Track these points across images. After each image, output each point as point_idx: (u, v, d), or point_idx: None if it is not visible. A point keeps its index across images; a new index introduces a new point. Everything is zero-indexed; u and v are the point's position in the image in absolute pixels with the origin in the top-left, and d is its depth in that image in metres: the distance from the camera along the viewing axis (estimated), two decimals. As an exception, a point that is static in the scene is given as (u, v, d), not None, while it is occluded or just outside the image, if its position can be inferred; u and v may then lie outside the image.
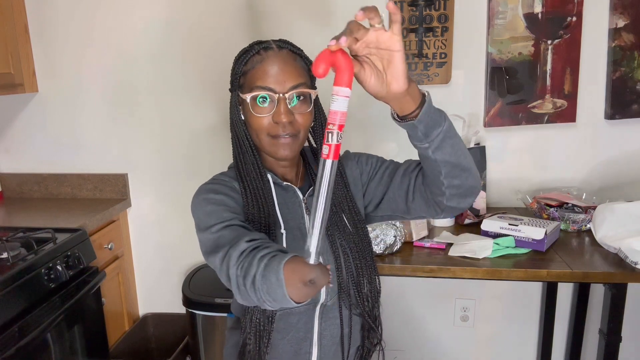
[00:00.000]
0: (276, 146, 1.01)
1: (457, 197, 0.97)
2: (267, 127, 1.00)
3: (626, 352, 1.72)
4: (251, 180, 1.04)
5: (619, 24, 1.84)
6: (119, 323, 2.10)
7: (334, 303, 1.07)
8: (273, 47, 1.01)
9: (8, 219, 2.00)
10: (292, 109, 0.99)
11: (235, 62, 1.05)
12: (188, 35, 2.01)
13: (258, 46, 1.02)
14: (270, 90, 0.98)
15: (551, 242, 1.58)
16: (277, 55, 1.00)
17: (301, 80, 1.00)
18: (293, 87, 0.98)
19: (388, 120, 0.97)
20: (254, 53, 1.01)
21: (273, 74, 0.98)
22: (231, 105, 1.07)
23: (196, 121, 2.08)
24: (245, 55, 1.02)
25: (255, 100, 0.99)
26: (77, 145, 2.17)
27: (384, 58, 0.82)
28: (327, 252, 1.06)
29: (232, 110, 1.07)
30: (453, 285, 2.08)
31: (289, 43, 1.04)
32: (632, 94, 1.89)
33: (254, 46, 1.03)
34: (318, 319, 1.07)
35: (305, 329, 1.07)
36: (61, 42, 2.07)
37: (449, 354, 2.20)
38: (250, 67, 1.01)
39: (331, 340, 1.09)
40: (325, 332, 1.08)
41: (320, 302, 1.06)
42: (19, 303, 1.42)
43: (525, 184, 1.99)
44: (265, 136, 1.01)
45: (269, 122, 1.00)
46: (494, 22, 1.86)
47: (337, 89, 0.75)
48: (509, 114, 1.93)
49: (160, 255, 2.23)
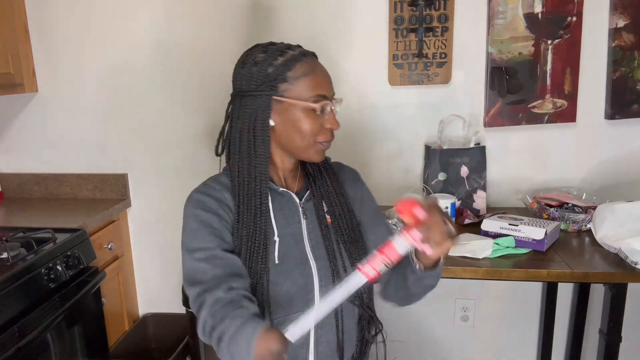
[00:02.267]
0: (317, 151, 1.06)
1: (406, 300, 1.13)
2: (318, 133, 1.03)
3: (626, 352, 1.71)
4: (250, 189, 1.04)
5: (619, 24, 1.84)
6: (119, 323, 2.10)
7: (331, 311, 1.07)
8: (309, 53, 1.05)
9: (8, 219, 2.00)
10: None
11: (266, 66, 1.02)
12: (188, 36, 2.01)
13: (293, 52, 1.03)
14: (327, 99, 1.03)
15: (551, 242, 1.58)
16: (319, 64, 1.05)
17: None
18: (333, 95, 1.06)
19: (388, 121, 0.97)
20: (297, 60, 1.02)
21: (326, 82, 1.04)
22: (257, 109, 1.03)
23: (196, 121, 2.08)
24: (286, 61, 1.02)
25: (317, 108, 1.02)
26: (77, 145, 2.17)
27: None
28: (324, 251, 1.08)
29: (259, 114, 1.03)
30: (453, 285, 2.08)
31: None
32: (632, 94, 1.89)
33: (286, 51, 1.03)
34: (314, 326, 1.07)
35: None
36: (61, 42, 2.07)
37: (449, 353, 2.20)
38: (301, 73, 1.01)
39: (327, 347, 1.09)
40: (321, 338, 1.08)
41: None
42: (19, 303, 1.42)
43: (525, 184, 1.99)
44: (313, 142, 1.04)
45: (321, 129, 1.03)
46: (494, 22, 1.86)
47: (411, 234, 0.85)
48: (509, 114, 1.93)
49: (160, 255, 2.23)
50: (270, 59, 1.02)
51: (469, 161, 1.89)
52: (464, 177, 1.90)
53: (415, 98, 1.97)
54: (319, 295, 1.06)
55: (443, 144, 1.89)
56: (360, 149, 2.00)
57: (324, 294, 1.05)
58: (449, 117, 1.93)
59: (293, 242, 1.07)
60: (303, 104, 1.01)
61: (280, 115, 1.03)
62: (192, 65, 2.04)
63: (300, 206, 1.10)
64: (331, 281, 1.06)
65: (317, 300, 1.06)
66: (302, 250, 1.07)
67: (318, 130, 1.03)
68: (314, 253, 1.08)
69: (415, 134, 2.00)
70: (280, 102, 1.02)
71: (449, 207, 1.74)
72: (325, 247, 1.08)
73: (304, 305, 1.05)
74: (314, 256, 1.08)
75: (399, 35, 1.90)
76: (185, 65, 2.04)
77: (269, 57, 1.02)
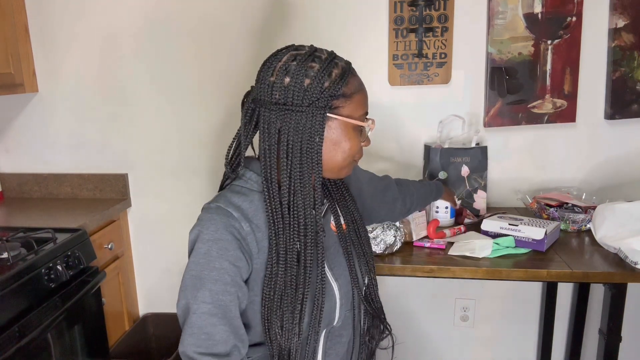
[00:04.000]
0: (351, 168, 1.02)
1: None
2: (358, 152, 1.00)
3: (626, 352, 1.72)
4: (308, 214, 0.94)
5: (619, 24, 1.84)
6: (119, 323, 2.10)
7: (342, 323, 1.07)
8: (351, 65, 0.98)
9: (8, 219, 2.00)
10: None
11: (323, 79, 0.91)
12: (188, 36, 2.01)
13: (342, 63, 0.96)
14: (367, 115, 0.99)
15: (551, 242, 1.58)
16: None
17: None
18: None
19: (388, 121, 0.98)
20: (349, 72, 0.95)
21: (367, 100, 0.99)
22: (312, 127, 0.91)
23: (196, 121, 2.08)
24: (344, 75, 0.94)
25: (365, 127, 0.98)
26: (77, 145, 2.17)
27: None
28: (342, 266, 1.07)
29: (313, 132, 0.92)
30: (453, 285, 2.08)
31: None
32: (632, 94, 1.89)
33: (336, 62, 0.94)
34: (324, 339, 1.06)
35: (312, 349, 1.04)
36: (61, 42, 2.07)
37: (449, 353, 2.20)
38: (354, 90, 0.95)
39: (336, 358, 1.09)
40: (330, 350, 1.07)
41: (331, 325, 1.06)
42: (19, 303, 1.42)
43: (525, 184, 1.99)
44: (352, 159, 1.00)
45: (359, 147, 1.00)
46: (494, 22, 1.86)
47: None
48: (509, 114, 1.93)
49: (160, 255, 2.23)
50: (325, 71, 0.91)
51: (470, 161, 1.89)
52: (465, 177, 1.89)
53: (415, 98, 1.97)
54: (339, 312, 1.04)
55: (443, 144, 1.89)
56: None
57: (343, 312, 1.05)
58: (449, 117, 1.93)
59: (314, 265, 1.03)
60: (355, 122, 0.95)
61: (328, 133, 0.94)
62: (192, 65, 2.04)
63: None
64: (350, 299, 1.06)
65: (337, 318, 1.04)
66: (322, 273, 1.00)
67: (357, 149, 0.99)
68: (333, 273, 1.05)
69: (415, 134, 2.00)
70: (332, 119, 0.94)
71: (448, 207, 1.74)
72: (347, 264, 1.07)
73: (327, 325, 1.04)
74: (334, 276, 1.04)
75: (399, 36, 1.90)
76: (186, 66, 2.04)
77: (324, 70, 0.92)
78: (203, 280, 0.92)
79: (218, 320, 0.92)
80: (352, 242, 1.09)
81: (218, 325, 0.92)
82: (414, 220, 1.62)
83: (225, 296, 0.92)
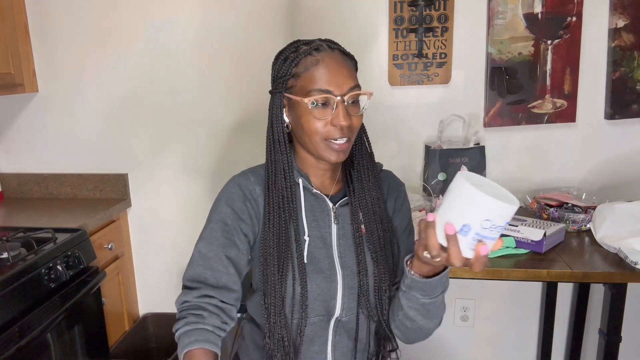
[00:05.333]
0: (330, 150, 1.00)
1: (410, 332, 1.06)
2: (324, 130, 0.98)
3: (626, 352, 1.71)
4: (279, 185, 1.02)
5: (619, 24, 1.84)
6: (119, 323, 2.10)
7: (349, 318, 1.07)
8: (325, 48, 0.99)
9: (8, 219, 2.00)
10: (349, 110, 0.98)
11: (281, 63, 1.01)
12: (188, 35, 2.01)
13: (307, 47, 0.99)
14: (329, 93, 0.96)
15: (553, 243, 1.58)
16: (331, 57, 0.98)
17: (356, 81, 1.00)
18: (350, 89, 0.98)
19: (388, 121, 0.98)
20: (305, 54, 0.98)
21: (331, 76, 0.96)
22: (273, 107, 1.03)
23: (197, 121, 2.08)
24: (295, 56, 0.98)
25: (314, 104, 0.97)
26: (77, 145, 2.17)
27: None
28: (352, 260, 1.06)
29: (275, 112, 1.03)
30: (453, 285, 2.06)
31: (336, 43, 1.03)
32: (632, 94, 1.89)
33: (300, 46, 1.00)
34: (332, 333, 1.07)
35: (320, 342, 1.06)
36: (61, 42, 2.07)
37: (449, 354, 2.20)
38: (304, 69, 0.98)
39: (344, 352, 1.09)
40: (338, 344, 1.08)
41: (334, 316, 1.06)
42: (19, 303, 1.42)
43: (525, 184, 1.99)
44: (320, 140, 0.99)
45: (327, 125, 0.98)
46: (494, 22, 1.86)
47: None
48: (509, 114, 1.93)
49: (160, 255, 2.23)
50: (283, 56, 1.01)
51: (469, 161, 1.89)
52: (464, 177, 1.89)
53: (415, 98, 1.97)
54: (341, 302, 1.04)
55: (443, 144, 1.89)
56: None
57: (345, 301, 1.05)
58: (449, 117, 1.93)
59: (322, 246, 1.05)
60: (299, 99, 0.98)
61: (291, 113, 1.02)
62: (192, 65, 2.04)
63: (333, 211, 1.06)
64: (356, 292, 1.05)
65: (338, 309, 1.04)
66: (330, 256, 1.05)
67: (322, 128, 0.98)
68: (341, 261, 1.05)
69: (415, 134, 2.00)
70: (289, 99, 1.01)
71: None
72: (356, 257, 1.05)
73: (324, 311, 1.04)
74: (341, 264, 1.05)
75: (399, 35, 1.90)
76: (186, 66, 2.04)
77: (283, 54, 1.01)
78: (209, 221, 1.06)
79: (214, 257, 1.02)
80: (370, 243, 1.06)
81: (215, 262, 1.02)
82: (414, 220, 1.62)
83: (223, 237, 1.03)
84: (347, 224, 1.07)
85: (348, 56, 1.02)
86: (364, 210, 1.07)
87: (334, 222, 1.06)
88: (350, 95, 0.98)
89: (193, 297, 1.00)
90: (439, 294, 0.95)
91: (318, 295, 1.03)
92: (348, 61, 1.01)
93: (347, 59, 1.02)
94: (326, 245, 1.05)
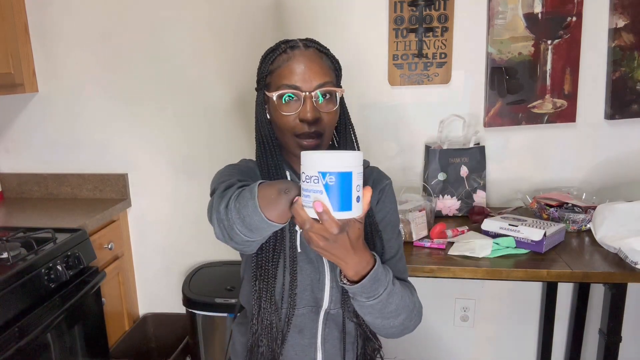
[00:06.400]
0: (299, 148, 1.00)
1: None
2: (292, 125, 0.99)
3: (626, 352, 1.72)
4: (269, 178, 1.04)
5: (619, 24, 1.84)
6: (119, 323, 2.10)
7: (337, 311, 1.07)
8: (299, 46, 1.01)
9: (8, 219, 2.00)
10: (318, 107, 0.99)
11: (262, 61, 1.04)
12: (187, 36, 2.01)
13: (285, 45, 1.02)
14: (296, 88, 0.98)
15: (553, 244, 1.58)
16: (304, 54, 1.00)
17: (327, 78, 1.00)
18: (319, 85, 0.98)
19: (388, 121, 0.97)
20: (280, 52, 1.00)
21: (299, 72, 0.98)
22: (257, 104, 1.06)
23: (197, 121, 2.08)
24: (272, 54, 1.01)
25: (281, 99, 0.99)
26: (77, 145, 2.17)
27: None
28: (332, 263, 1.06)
29: (258, 109, 1.06)
30: (453, 285, 2.08)
31: (316, 42, 1.04)
32: (632, 94, 1.89)
33: (280, 45, 1.02)
34: (322, 325, 1.08)
35: (310, 334, 1.07)
36: (61, 42, 2.07)
37: (449, 354, 2.20)
38: (277, 65, 1.01)
39: (334, 344, 1.09)
40: (328, 336, 1.08)
41: (323, 308, 1.06)
42: (19, 303, 1.42)
43: (525, 184, 1.99)
44: (290, 135, 1.00)
45: (295, 121, 0.99)
46: (494, 22, 1.86)
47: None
48: (509, 114, 1.93)
49: (160, 255, 2.23)
50: (266, 53, 1.04)
51: (469, 161, 1.89)
52: (464, 177, 1.90)
53: (415, 98, 1.97)
54: (329, 294, 1.05)
55: (443, 144, 1.89)
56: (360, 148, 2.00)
57: (333, 293, 1.06)
58: (449, 117, 1.93)
59: None
60: (270, 95, 1.01)
61: (269, 111, 1.04)
62: (191, 65, 2.04)
63: None
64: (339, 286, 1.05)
65: (326, 300, 1.05)
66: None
67: (291, 123, 0.99)
68: None
69: (415, 134, 2.00)
70: (266, 96, 1.04)
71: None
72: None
73: (312, 302, 1.05)
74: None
75: (399, 35, 1.90)
76: (186, 66, 2.04)
77: (267, 52, 1.04)
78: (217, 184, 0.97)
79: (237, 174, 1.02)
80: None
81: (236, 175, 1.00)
82: (414, 220, 1.62)
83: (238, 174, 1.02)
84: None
85: (326, 54, 1.03)
86: None
87: None
88: (320, 91, 0.98)
89: (234, 186, 0.93)
90: (382, 292, 0.92)
91: (307, 286, 1.05)
92: (324, 59, 1.02)
93: (323, 57, 1.02)
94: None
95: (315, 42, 1.04)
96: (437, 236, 1.62)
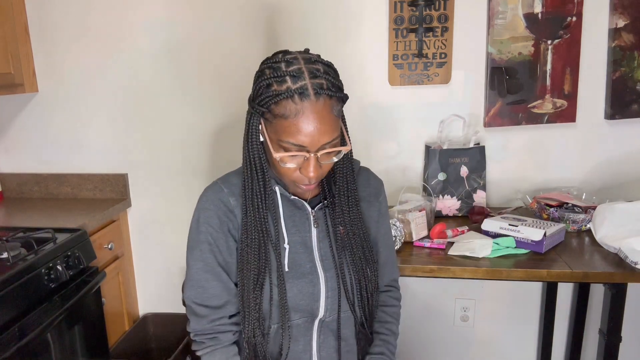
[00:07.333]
0: (298, 189, 1.03)
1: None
2: (292, 176, 0.97)
3: (626, 352, 1.72)
4: (256, 196, 1.02)
5: (619, 24, 1.84)
6: (119, 323, 2.10)
7: (333, 319, 1.08)
8: (309, 95, 0.89)
9: (8, 219, 2.00)
10: (321, 160, 0.95)
11: (263, 87, 0.93)
12: (188, 36, 2.01)
13: (291, 83, 0.90)
14: (302, 148, 0.92)
15: (553, 244, 1.58)
16: (314, 109, 0.90)
17: (335, 134, 0.94)
18: (326, 144, 0.93)
19: (388, 121, 0.97)
20: (287, 95, 0.89)
21: (308, 132, 0.90)
22: (250, 123, 0.98)
23: (196, 121, 2.08)
24: (277, 92, 0.90)
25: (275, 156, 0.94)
26: (77, 145, 2.17)
27: None
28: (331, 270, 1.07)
29: (250, 129, 0.98)
30: (453, 285, 2.08)
31: (326, 80, 0.91)
32: (632, 94, 1.89)
33: (285, 77, 0.90)
34: (317, 332, 1.08)
35: (304, 341, 1.08)
36: (61, 42, 2.07)
37: (449, 354, 2.20)
38: (283, 113, 0.90)
39: (329, 353, 1.09)
40: (324, 344, 1.09)
41: (318, 317, 1.07)
42: (19, 303, 1.42)
43: (525, 184, 1.99)
44: (288, 180, 1.00)
45: (296, 172, 0.96)
46: (494, 22, 1.86)
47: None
48: (509, 114, 1.93)
49: (160, 255, 2.23)
50: (270, 79, 0.92)
51: (469, 161, 1.89)
52: (464, 177, 1.90)
53: (415, 98, 1.97)
54: (324, 304, 1.05)
55: (443, 144, 1.89)
56: (360, 149, 2.00)
57: (329, 304, 1.06)
58: (449, 117, 1.93)
59: (302, 251, 1.06)
60: (270, 144, 0.96)
61: (265, 137, 0.98)
62: (193, 65, 2.04)
63: (312, 214, 1.07)
64: (337, 293, 1.06)
65: (321, 310, 1.06)
66: (312, 260, 1.06)
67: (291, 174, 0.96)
68: (322, 263, 1.06)
69: (415, 134, 2.00)
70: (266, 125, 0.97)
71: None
72: (333, 258, 1.07)
73: (307, 313, 1.05)
74: (323, 267, 1.06)
75: (399, 35, 1.90)
76: (187, 66, 2.04)
77: (271, 78, 0.92)
78: (195, 242, 1.08)
79: (210, 277, 1.06)
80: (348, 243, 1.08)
81: (211, 281, 1.06)
82: (414, 220, 1.62)
83: (211, 256, 1.05)
84: (325, 226, 1.09)
85: (336, 96, 0.93)
86: (341, 212, 1.07)
87: (314, 226, 1.08)
88: (326, 151, 0.94)
89: (203, 325, 1.06)
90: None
91: (301, 300, 1.04)
92: (333, 107, 0.92)
93: (334, 104, 0.93)
94: (307, 249, 1.06)
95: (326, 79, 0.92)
96: (437, 236, 1.62)
